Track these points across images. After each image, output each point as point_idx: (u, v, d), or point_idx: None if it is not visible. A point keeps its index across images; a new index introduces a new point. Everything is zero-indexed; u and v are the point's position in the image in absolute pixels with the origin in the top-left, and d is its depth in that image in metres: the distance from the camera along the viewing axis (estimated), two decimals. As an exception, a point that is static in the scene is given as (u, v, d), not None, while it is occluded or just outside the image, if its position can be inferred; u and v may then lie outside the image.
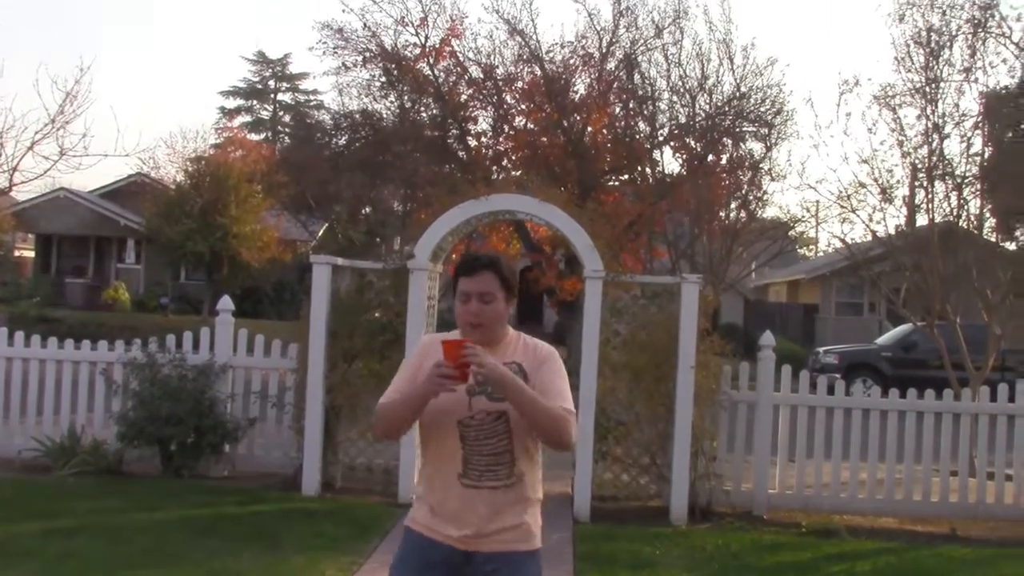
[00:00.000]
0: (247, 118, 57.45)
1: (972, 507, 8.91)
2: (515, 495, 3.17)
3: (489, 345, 3.15)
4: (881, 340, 23.41)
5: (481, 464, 3.14)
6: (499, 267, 3.21)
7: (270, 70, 57.88)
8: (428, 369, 3.05)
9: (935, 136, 11.50)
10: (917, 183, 11.76)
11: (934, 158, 11.55)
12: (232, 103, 58.08)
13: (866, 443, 8.92)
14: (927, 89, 11.52)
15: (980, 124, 11.81)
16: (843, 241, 13.76)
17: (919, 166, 11.66)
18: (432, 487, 3.22)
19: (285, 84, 58.31)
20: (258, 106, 58.39)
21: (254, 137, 48.56)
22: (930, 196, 11.65)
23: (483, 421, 3.14)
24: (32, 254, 36.48)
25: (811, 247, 45.15)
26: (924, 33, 11.55)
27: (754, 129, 20.93)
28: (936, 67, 11.51)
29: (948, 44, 11.50)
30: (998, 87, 11.98)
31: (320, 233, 31.67)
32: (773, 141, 20.51)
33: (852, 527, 8.25)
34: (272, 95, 58.37)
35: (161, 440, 8.62)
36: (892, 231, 12.16)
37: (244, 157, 31.82)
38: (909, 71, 11.63)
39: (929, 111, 11.51)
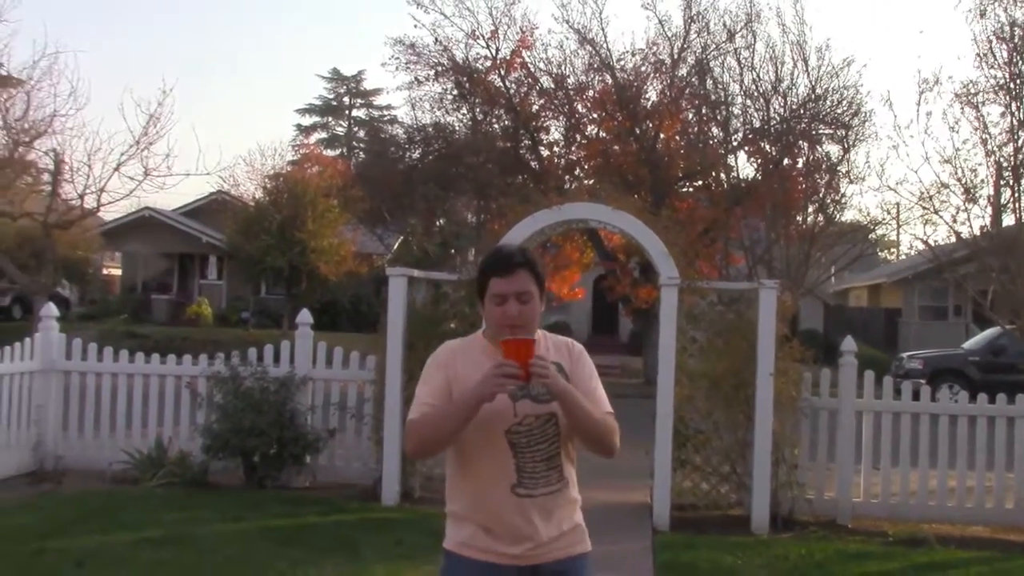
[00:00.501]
0: (323, 135, 58.49)
1: (1068, 515, 8.61)
2: (565, 498, 3.05)
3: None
4: (968, 344, 22.78)
5: (537, 472, 2.97)
6: (534, 264, 3.01)
7: (344, 87, 58.85)
8: (467, 376, 2.91)
9: (1021, 133, 11.17)
10: (1002, 182, 11.43)
11: (1020, 156, 11.22)
12: (308, 120, 59.24)
13: (954, 450, 8.68)
14: (1011, 85, 11.20)
15: (1068, 119, 11.44)
16: (926, 243, 13.45)
17: (1004, 164, 11.34)
18: (480, 505, 3.00)
19: (359, 100, 59.22)
20: (333, 122, 59.41)
21: (330, 153, 49.37)
22: (1016, 195, 11.31)
23: (532, 426, 2.96)
24: (119, 272, 37.55)
25: (892, 250, 44.16)
26: (1007, 28, 11.24)
27: (831, 131, 20.57)
28: (1020, 62, 11.19)
29: (1032, 38, 11.18)
30: (1086, 81, 11.59)
31: (395, 246, 32.01)
32: (851, 143, 20.14)
33: (941, 536, 8.04)
34: (347, 111, 59.31)
35: (244, 451, 8.79)
36: (977, 232, 11.83)
37: (320, 173, 32.31)
38: (992, 67, 11.33)
39: (1014, 107, 11.18)
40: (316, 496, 8.74)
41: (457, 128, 23.66)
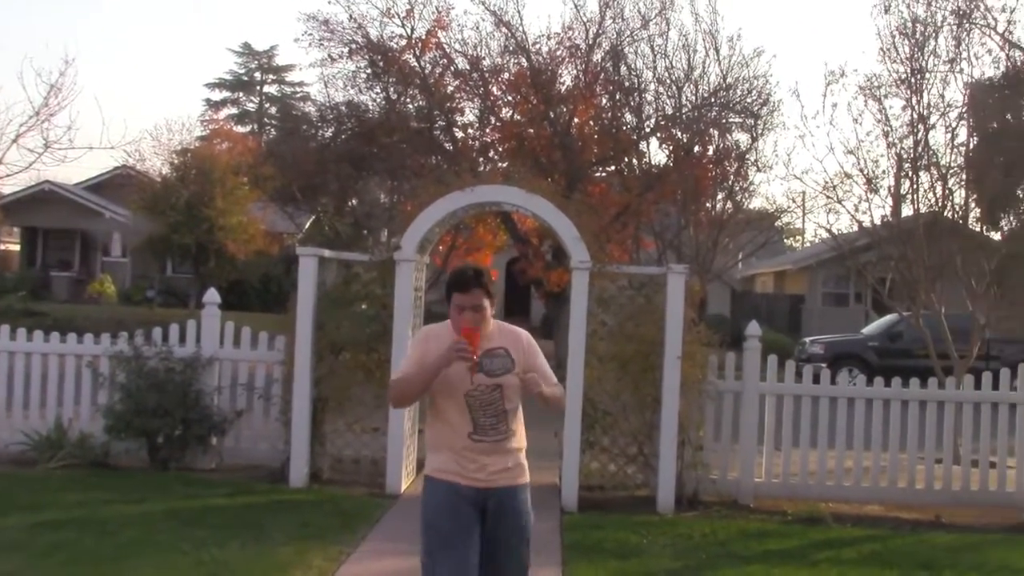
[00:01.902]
0: (233, 110, 57.33)
1: (957, 494, 8.98)
2: (509, 445, 4.09)
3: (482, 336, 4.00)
4: (867, 330, 23.51)
5: (487, 424, 4.03)
6: (485, 284, 4.06)
7: (256, 62, 57.71)
8: (436, 350, 3.93)
9: (920, 126, 11.56)
10: (903, 173, 11.82)
11: (919, 148, 11.61)
12: (218, 95, 57.98)
13: (852, 432, 8.97)
14: (912, 80, 11.57)
15: (965, 115, 11.88)
16: (829, 231, 13.83)
17: (904, 156, 11.72)
18: (449, 445, 4.05)
19: (271, 76, 58.15)
20: (244, 98, 58.24)
21: (240, 129, 48.46)
22: (915, 186, 11.72)
23: (483, 392, 4.01)
24: (17, 248, 36.31)
25: (797, 238, 45.29)
26: (910, 24, 11.61)
27: (740, 120, 20.91)
28: (921, 58, 11.57)
29: (933, 35, 11.57)
30: (983, 78, 12.04)
31: (307, 225, 31.59)
32: (759, 132, 20.52)
33: (838, 514, 8.31)
34: (258, 87, 58.19)
35: (148, 432, 8.61)
36: (878, 221, 12.22)
37: (230, 149, 31.71)
38: (895, 62, 11.70)
39: (914, 102, 11.57)
40: (222, 478, 8.62)
41: (370, 107, 23.37)
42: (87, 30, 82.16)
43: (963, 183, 11.93)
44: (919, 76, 11.55)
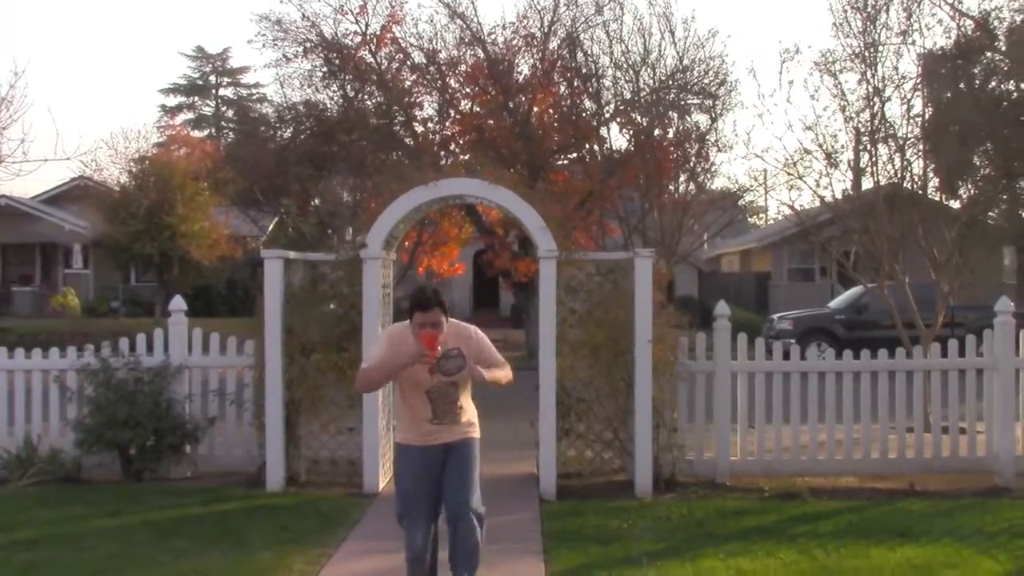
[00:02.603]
0: (189, 115, 56.78)
1: (929, 461, 9.09)
2: (462, 421, 5.16)
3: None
4: (833, 304, 23.74)
5: (445, 411, 5.07)
6: (442, 302, 4.94)
7: (210, 65, 57.16)
8: (403, 349, 4.87)
9: (876, 100, 11.66)
10: (861, 147, 11.91)
11: (876, 121, 11.71)
12: (173, 100, 57.42)
13: (823, 406, 9.06)
14: (866, 53, 11.66)
15: (919, 86, 11.99)
16: (792, 208, 13.95)
17: (862, 130, 11.82)
18: (412, 426, 5.11)
19: (226, 79, 57.64)
20: (200, 102, 57.69)
21: (197, 134, 47.96)
22: (874, 159, 11.82)
23: (440, 388, 5.04)
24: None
25: (761, 216, 45.62)
26: (860, -2, 11.67)
27: (699, 101, 21.02)
28: (874, 31, 11.66)
29: (885, 8, 11.66)
30: (935, 48, 12.17)
31: (270, 228, 31.38)
32: (718, 112, 20.65)
33: (814, 488, 8.39)
34: (213, 90, 57.66)
35: (120, 444, 8.53)
36: (839, 195, 12.32)
37: (188, 155, 31.39)
38: (848, 36, 11.78)
39: (869, 75, 11.66)
40: (198, 486, 8.55)
41: (328, 106, 23.24)
42: (34, 40, 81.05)
43: (921, 154, 12.05)
44: (872, 49, 11.64)
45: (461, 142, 22.61)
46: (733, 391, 8.95)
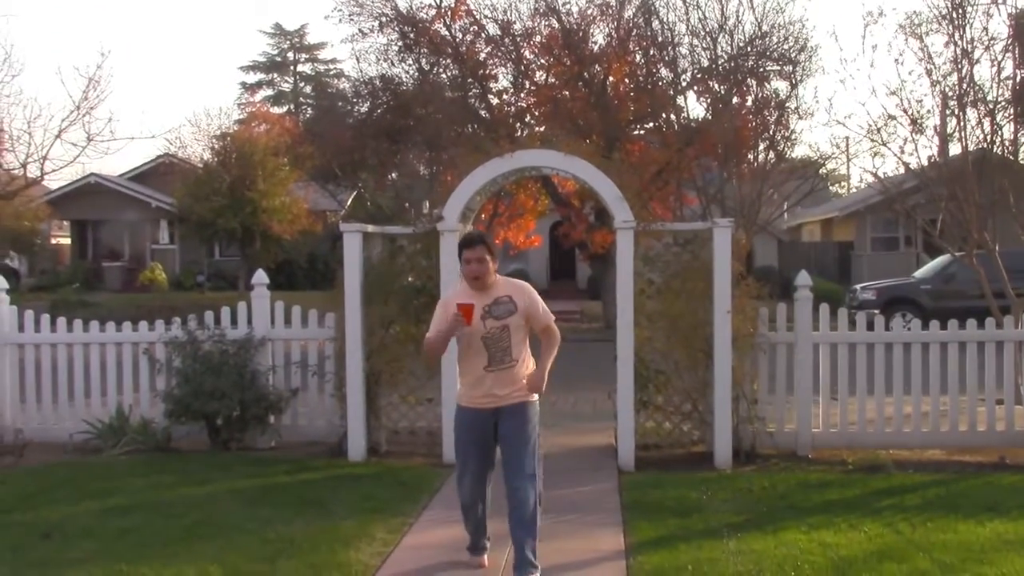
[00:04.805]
0: (269, 92, 57.62)
1: (1019, 435, 8.85)
2: (515, 372, 5.39)
3: (485, 288, 5.36)
4: (919, 273, 23.16)
5: (498, 357, 5.36)
6: (487, 241, 5.37)
7: (288, 42, 57.86)
8: (451, 315, 5.21)
9: (964, 62, 11.25)
10: (948, 111, 11.53)
11: (964, 85, 11.31)
12: (253, 78, 58.29)
13: (909, 377, 8.86)
14: (954, 15, 11.25)
15: (1011, 46, 11.53)
16: (875, 176, 13.58)
17: (949, 94, 11.43)
18: (470, 376, 5.43)
19: (304, 55, 58.31)
20: (279, 79, 58.48)
21: (277, 110, 48.69)
22: (962, 124, 11.42)
23: (494, 333, 5.34)
24: (68, 241, 36.95)
25: (843, 184, 44.64)
26: (949, -43, 11.26)
27: (778, 68, 20.56)
28: (962, -9, 11.24)
29: (974, -34, 11.22)
30: (1027, 7, 11.68)
31: (348, 202, 31.76)
32: (798, 79, 20.16)
33: (899, 461, 8.24)
34: (292, 67, 58.38)
35: (207, 415, 8.75)
36: (925, 162, 11.96)
37: (268, 131, 31.89)
38: (935, -3, 11.37)
39: (957, 37, 11.24)
40: (282, 456, 8.74)
41: (404, 80, 23.37)
42: (120, 21, 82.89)
43: (1011, 117, 11.62)
44: (961, 10, 11.23)
45: (536, 113, 22.53)
46: (815, 362, 8.81)
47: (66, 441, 9.20)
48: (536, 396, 5.44)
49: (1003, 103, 11.47)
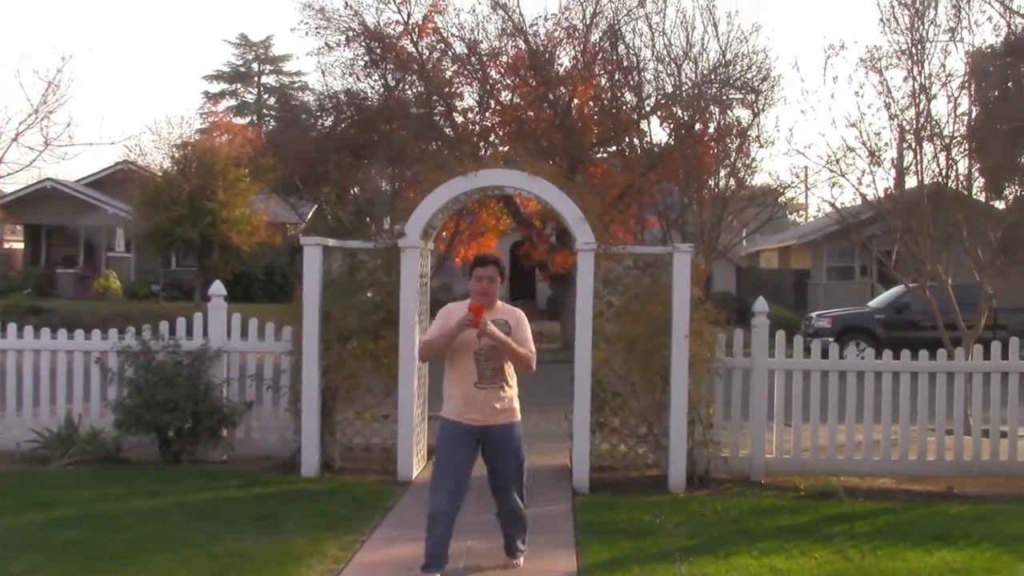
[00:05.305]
0: (232, 102, 57.25)
1: (968, 465, 8.98)
2: (504, 392, 5.69)
3: (490, 307, 5.66)
4: (873, 303, 23.48)
5: (487, 375, 5.63)
6: (499, 263, 5.79)
7: (253, 53, 57.57)
8: (456, 320, 5.53)
9: (922, 97, 11.48)
10: (905, 145, 11.74)
11: (922, 119, 11.53)
12: (216, 87, 57.91)
13: (862, 405, 8.96)
14: (913, 50, 11.48)
15: (967, 84, 11.78)
16: (833, 205, 13.76)
17: (907, 128, 11.65)
18: (459, 391, 5.64)
19: (268, 67, 58.03)
20: (242, 89, 58.13)
21: (239, 121, 48.39)
22: (918, 157, 11.64)
23: (486, 351, 5.60)
24: (21, 246, 36.34)
25: (801, 213, 45.20)
26: (909, -6, 11.49)
27: (741, 96, 20.79)
28: (921, 28, 11.47)
29: (933, 4, 11.46)
30: (984, 46, 11.95)
31: (309, 215, 31.57)
32: (760, 108, 20.39)
33: (850, 488, 8.31)
34: (256, 78, 58.07)
35: (158, 426, 8.63)
36: (882, 194, 12.15)
37: (230, 141, 31.67)
38: (894, 32, 11.60)
39: (915, 72, 11.48)
40: (234, 469, 8.64)
41: (369, 95, 23.32)
42: (83, 26, 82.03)
43: (966, 153, 11.85)
44: (919, 46, 11.46)
45: (501, 133, 22.59)
46: (770, 388, 8.89)
47: (13, 450, 9.02)
48: (519, 417, 5.79)
49: (958, 138, 11.71)
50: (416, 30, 22.18)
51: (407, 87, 23.11)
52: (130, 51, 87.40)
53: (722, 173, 20.48)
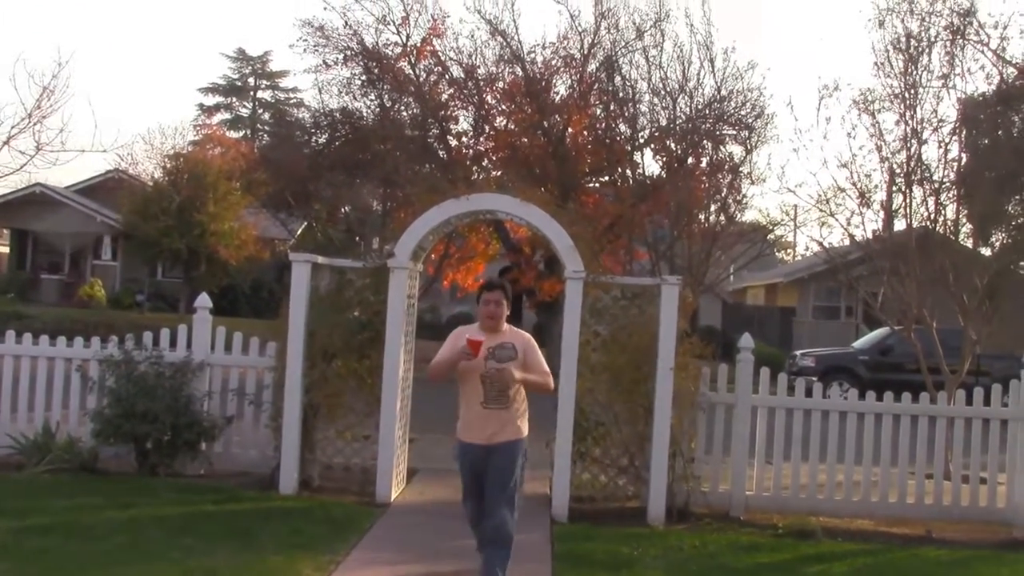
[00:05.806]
0: (226, 115, 57.25)
1: (947, 509, 8.98)
2: (508, 412, 5.82)
3: (496, 330, 5.87)
4: (858, 344, 23.54)
5: (493, 396, 5.78)
6: (506, 289, 6.02)
7: (250, 67, 57.66)
8: (460, 347, 5.67)
9: (913, 141, 11.58)
10: (895, 188, 11.83)
11: (912, 163, 11.62)
12: (211, 100, 57.90)
13: (843, 445, 8.96)
14: (906, 94, 11.59)
15: (957, 130, 11.89)
16: (821, 245, 13.83)
17: (897, 171, 11.73)
18: (467, 411, 5.86)
19: (265, 82, 58.11)
20: (237, 103, 58.17)
21: (233, 134, 48.38)
22: (908, 201, 11.72)
23: (493, 374, 5.76)
24: (7, 250, 36.14)
25: (789, 251, 45.39)
26: (903, 39, 11.63)
27: (734, 132, 20.95)
28: (915, 73, 11.59)
29: (927, 50, 11.58)
30: (976, 94, 12.06)
31: (299, 232, 31.55)
32: (753, 144, 20.54)
33: (828, 528, 8.29)
34: (252, 92, 58.13)
35: (137, 437, 8.56)
36: (870, 235, 12.22)
37: (223, 154, 31.68)
38: (888, 76, 11.71)
39: (908, 116, 11.58)
40: (211, 484, 8.56)
41: (365, 114, 23.40)
42: (80, 32, 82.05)
43: (955, 198, 11.95)
44: (912, 91, 11.57)
45: (494, 158, 22.69)
46: (752, 425, 8.88)
47: (-12, 455, 8.93)
48: (524, 435, 5.91)
49: (948, 184, 11.80)
50: (414, 52, 22.30)
51: (403, 108, 23.21)
52: (126, 59, 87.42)
53: (713, 208, 20.58)
